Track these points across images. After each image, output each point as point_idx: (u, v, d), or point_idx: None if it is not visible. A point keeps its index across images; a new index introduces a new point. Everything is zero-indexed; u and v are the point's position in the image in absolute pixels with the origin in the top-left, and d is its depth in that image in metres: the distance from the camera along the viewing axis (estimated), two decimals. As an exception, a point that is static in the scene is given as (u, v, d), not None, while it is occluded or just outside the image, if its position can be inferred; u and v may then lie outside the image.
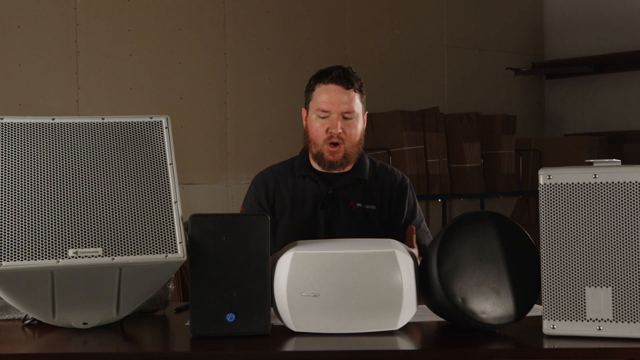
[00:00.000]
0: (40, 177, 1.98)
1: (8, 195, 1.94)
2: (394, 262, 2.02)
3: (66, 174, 2.00)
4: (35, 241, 1.91)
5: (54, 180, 1.98)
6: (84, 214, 1.96)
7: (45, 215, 1.94)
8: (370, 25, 6.58)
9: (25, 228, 1.92)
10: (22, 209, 1.94)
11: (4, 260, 1.88)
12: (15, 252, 1.89)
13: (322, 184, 2.72)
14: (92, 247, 1.94)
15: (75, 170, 2.01)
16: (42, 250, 1.91)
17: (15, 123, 2.03)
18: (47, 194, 1.96)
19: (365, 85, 2.75)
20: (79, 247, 1.93)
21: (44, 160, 2.00)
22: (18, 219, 1.92)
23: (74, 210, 1.96)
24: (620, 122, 7.39)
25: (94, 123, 2.07)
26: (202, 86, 5.66)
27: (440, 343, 2.04)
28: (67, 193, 1.98)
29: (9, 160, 1.98)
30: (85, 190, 1.99)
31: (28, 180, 1.97)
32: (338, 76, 2.68)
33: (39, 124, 2.04)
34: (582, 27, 7.67)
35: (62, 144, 2.03)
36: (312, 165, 2.77)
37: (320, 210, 2.68)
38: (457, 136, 6.36)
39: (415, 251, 2.48)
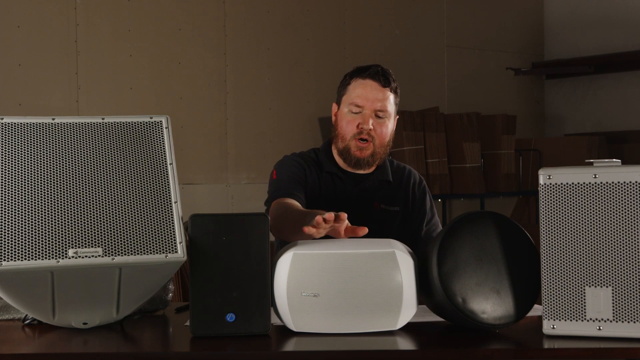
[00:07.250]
0: (40, 177, 1.98)
1: (8, 196, 1.94)
2: (394, 262, 2.02)
3: (66, 174, 2.00)
4: (35, 241, 1.91)
5: (54, 180, 1.98)
6: (84, 214, 1.96)
7: (45, 215, 1.94)
8: (370, 25, 6.58)
9: (25, 228, 1.92)
10: (22, 209, 1.94)
11: (4, 260, 1.88)
12: (15, 252, 1.89)
13: (349, 184, 2.70)
14: (92, 247, 1.93)
15: (75, 170, 2.01)
16: (42, 250, 1.91)
17: (15, 123, 2.02)
18: (47, 194, 1.96)
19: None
20: (79, 247, 1.93)
21: (44, 160, 2.00)
22: (18, 219, 1.92)
23: (74, 210, 1.96)
24: (620, 122, 7.39)
25: (94, 123, 2.07)
26: (202, 86, 5.66)
27: (440, 343, 2.04)
28: (67, 193, 1.97)
29: (9, 160, 1.98)
30: (85, 190, 1.99)
31: (28, 181, 1.97)
32: (376, 72, 2.67)
33: (39, 124, 2.04)
34: (582, 27, 7.67)
35: (62, 144, 2.03)
36: (338, 162, 2.74)
37: (347, 210, 2.65)
38: (457, 136, 6.36)
39: None
